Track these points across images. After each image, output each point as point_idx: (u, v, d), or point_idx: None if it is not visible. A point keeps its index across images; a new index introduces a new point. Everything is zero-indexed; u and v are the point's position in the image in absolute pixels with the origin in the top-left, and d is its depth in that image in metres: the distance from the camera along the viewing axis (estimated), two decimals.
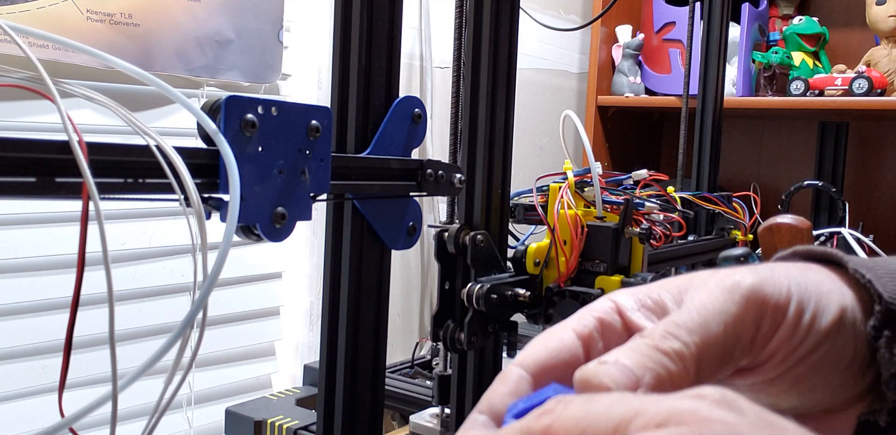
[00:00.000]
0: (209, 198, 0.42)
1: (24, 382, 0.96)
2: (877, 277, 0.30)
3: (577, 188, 0.78)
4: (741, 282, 0.28)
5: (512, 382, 0.28)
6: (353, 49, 0.55)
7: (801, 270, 0.30)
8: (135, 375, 0.35)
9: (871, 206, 1.97)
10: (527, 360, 0.29)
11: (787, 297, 0.28)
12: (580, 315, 0.30)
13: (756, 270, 0.29)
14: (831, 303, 0.29)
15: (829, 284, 0.30)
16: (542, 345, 0.29)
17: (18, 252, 0.95)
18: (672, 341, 0.26)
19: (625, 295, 0.30)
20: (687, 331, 0.26)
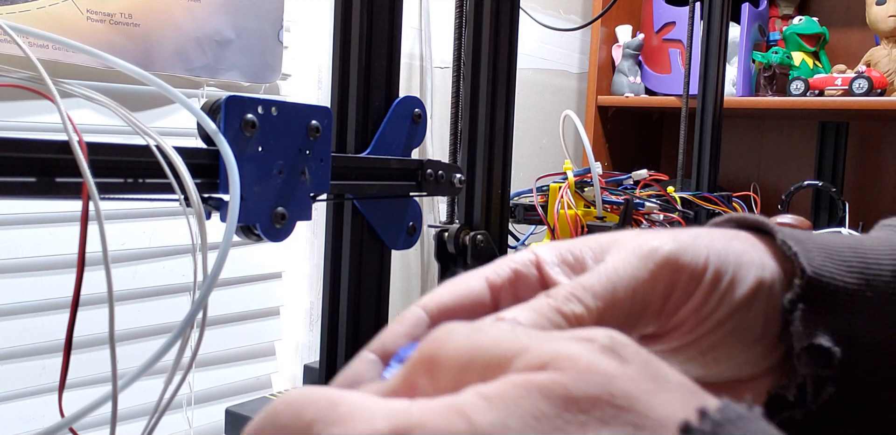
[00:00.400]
0: (209, 198, 0.42)
1: (24, 382, 0.96)
2: (805, 249, 0.29)
3: (577, 188, 0.78)
4: (658, 248, 0.27)
5: (409, 323, 0.27)
6: (353, 49, 0.55)
7: (726, 239, 0.29)
8: (135, 375, 0.35)
9: (871, 206, 1.97)
10: (429, 302, 0.28)
11: (704, 265, 0.28)
12: (497, 264, 0.29)
13: (677, 237, 0.28)
14: (749, 274, 0.28)
15: (753, 254, 0.29)
16: (449, 289, 0.28)
17: (18, 252, 0.95)
18: (574, 305, 0.25)
19: (548, 248, 0.29)
20: (592, 295, 0.26)
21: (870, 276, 0.29)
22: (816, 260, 0.29)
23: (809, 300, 0.28)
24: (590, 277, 0.26)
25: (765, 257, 0.29)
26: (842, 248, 0.30)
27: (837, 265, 0.29)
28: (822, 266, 0.29)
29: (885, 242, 0.30)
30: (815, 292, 0.28)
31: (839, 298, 0.28)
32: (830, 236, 0.31)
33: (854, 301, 0.28)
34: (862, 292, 0.29)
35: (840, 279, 0.28)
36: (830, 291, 0.28)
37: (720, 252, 0.28)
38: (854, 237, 0.31)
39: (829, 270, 0.29)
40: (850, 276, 0.29)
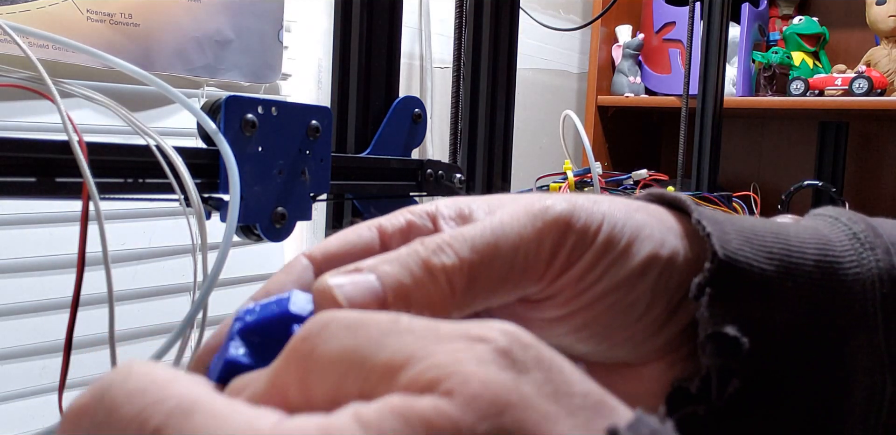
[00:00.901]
0: (209, 198, 0.42)
1: (24, 382, 0.96)
2: (721, 231, 0.27)
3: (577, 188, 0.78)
4: (551, 207, 0.25)
5: (295, 272, 0.26)
6: (353, 49, 0.55)
7: (629, 209, 0.27)
8: None
9: (871, 207, 1.97)
10: (316, 251, 0.26)
11: (596, 231, 0.26)
12: (392, 214, 0.27)
13: (574, 199, 0.26)
14: (643, 248, 0.26)
15: (654, 228, 0.27)
16: (338, 237, 0.27)
17: (18, 252, 0.95)
18: (445, 255, 0.23)
19: (449, 202, 0.27)
20: (470, 246, 0.24)
21: (791, 264, 0.27)
22: (733, 243, 0.26)
23: (719, 285, 0.26)
24: (473, 227, 0.25)
25: (668, 235, 0.27)
26: (764, 233, 0.27)
27: (756, 250, 0.27)
28: (739, 250, 0.26)
29: (812, 231, 0.28)
30: (727, 277, 0.26)
31: (754, 285, 0.26)
32: (754, 220, 0.28)
33: (771, 289, 0.26)
34: (781, 281, 0.26)
35: (757, 265, 0.26)
36: (744, 276, 0.26)
37: (617, 221, 0.26)
38: (779, 223, 0.29)
39: (746, 254, 0.26)
40: (770, 263, 0.26)
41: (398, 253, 0.24)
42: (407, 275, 0.23)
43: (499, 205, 0.26)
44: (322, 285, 0.22)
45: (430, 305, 0.23)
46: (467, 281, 0.24)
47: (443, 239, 0.24)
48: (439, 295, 0.23)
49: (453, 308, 0.24)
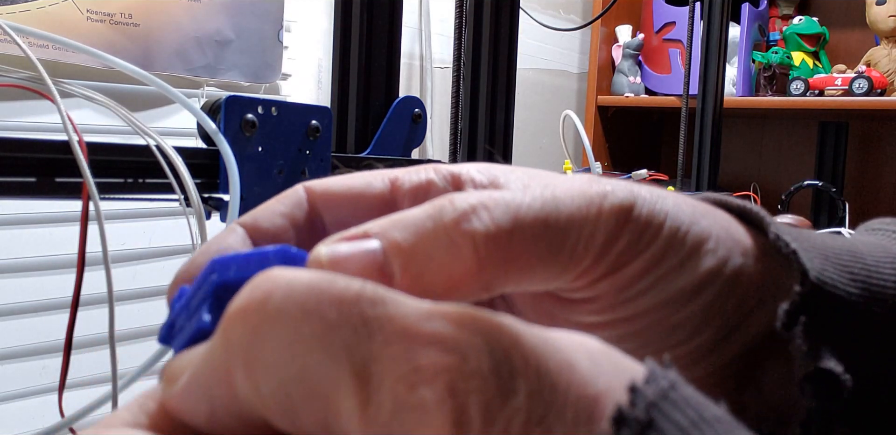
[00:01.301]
0: (209, 198, 0.42)
1: (24, 382, 0.96)
2: (802, 249, 0.22)
3: None
4: (611, 194, 0.21)
5: (289, 202, 0.23)
6: (353, 49, 0.55)
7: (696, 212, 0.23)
8: (135, 375, 0.35)
9: (871, 207, 1.97)
10: (316, 186, 0.23)
11: (658, 229, 0.21)
12: (413, 169, 0.23)
13: (635, 189, 0.22)
14: (703, 263, 0.22)
15: (719, 241, 0.23)
16: (344, 180, 0.23)
17: (18, 252, 0.95)
18: (477, 220, 0.19)
19: (481, 167, 0.23)
20: (513, 214, 0.19)
21: (873, 286, 0.23)
22: (816, 263, 0.22)
23: (812, 312, 0.22)
24: (517, 193, 0.20)
25: (734, 250, 0.23)
26: (840, 250, 0.23)
27: (839, 271, 0.23)
28: (824, 271, 0.22)
29: (881, 249, 0.25)
30: (820, 303, 0.22)
31: (844, 311, 0.22)
32: (823, 236, 0.25)
33: (859, 316, 0.22)
34: (868, 305, 0.22)
35: (843, 289, 0.22)
36: (834, 302, 0.22)
37: (682, 224, 0.22)
38: (849, 240, 0.25)
39: (831, 276, 0.22)
40: (854, 285, 0.23)
41: (415, 213, 0.19)
42: (422, 243, 0.19)
43: (542, 182, 0.22)
44: (314, 257, 0.19)
45: (445, 280, 0.19)
46: (501, 255, 0.19)
47: (479, 199, 0.19)
48: (461, 270, 0.19)
49: (474, 289, 0.19)
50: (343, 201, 0.23)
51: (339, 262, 0.18)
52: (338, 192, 0.23)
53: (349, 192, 0.23)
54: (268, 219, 0.22)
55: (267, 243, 0.22)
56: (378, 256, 0.18)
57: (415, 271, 0.18)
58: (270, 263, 0.18)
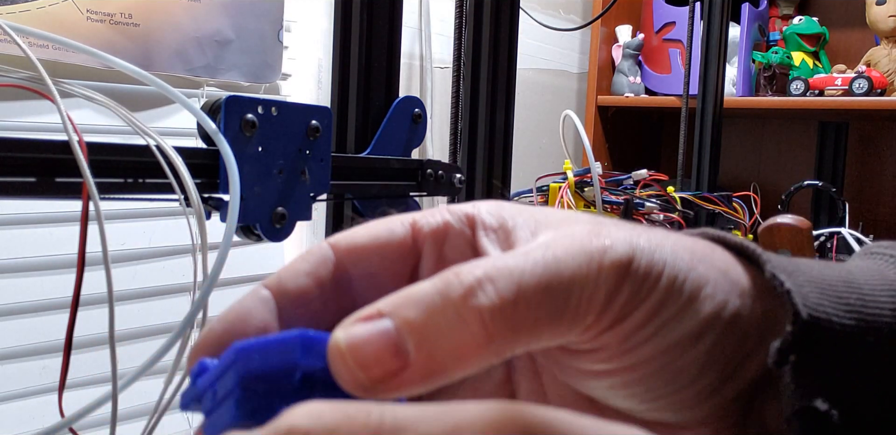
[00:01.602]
0: (209, 198, 0.42)
1: (24, 382, 0.96)
2: (797, 284, 0.23)
3: (577, 188, 0.78)
4: (611, 249, 0.22)
5: (314, 260, 0.23)
6: (353, 49, 0.55)
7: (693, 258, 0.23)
8: (135, 375, 0.35)
9: (871, 206, 1.97)
10: (341, 241, 0.24)
11: (656, 280, 0.22)
12: (431, 211, 0.24)
13: (634, 239, 0.22)
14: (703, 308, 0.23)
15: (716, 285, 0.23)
16: (368, 229, 0.24)
17: (18, 252, 0.95)
18: (484, 295, 0.20)
19: (492, 208, 0.24)
20: (516, 284, 0.20)
21: (868, 315, 0.23)
22: (811, 298, 0.23)
23: (803, 350, 0.23)
24: (519, 259, 0.21)
25: (732, 293, 0.23)
26: (835, 281, 0.24)
27: (834, 303, 0.23)
28: (819, 305, 0.23)
29: (879, 276, 0.25)
30: (811, 339, 0.23)
31: (836, 344, 0.23)
32: (819, 266, 0.25)
33: (854, 347, 0.23)
34: (862, 336, 0.23)
35: (838, 321, 0.23)
36: (827, 335, 0.23)
37: (679, 272, 0.23)
38: (842, 267, 0.26)
39: (826, 310, 0.23)
40: (849, 316, 0.23)
41: (425, 290, 0.20)
42: (433, 322, 0.19)
43: (545, 224, 0.23)
44: (334, 343, 0.19)
45: (458, 355, 0.20)
46: (509, 326, 0.20)
47: (484, 271, 0.20)
48: (472, 342, 0.20)
49: (486, 358, 0.20)
50: (369, 253, 0.24)
51: (356, 346, 0.19)
52: (363, 244, 0.24)
53: (374, 242, 0.24)
54: (293, 280, 0.23)
55: (292, 305, 0.23)
56: (392, 336, 0.19)
57: (428, 348, 0.19)
58: (292, 350, 0.19)
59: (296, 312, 0.24)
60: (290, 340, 0.20)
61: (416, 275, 0.25)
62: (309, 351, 0.19)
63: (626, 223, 0.24)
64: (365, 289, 0.24)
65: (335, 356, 0.19)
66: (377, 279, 0.24)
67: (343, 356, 0.19)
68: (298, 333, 0.20)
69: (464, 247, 0.24)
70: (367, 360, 0.19)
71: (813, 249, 0.85)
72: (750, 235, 1.09)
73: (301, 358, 0.19)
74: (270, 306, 0.23)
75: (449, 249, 0.24)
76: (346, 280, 0.24)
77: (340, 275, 0.24)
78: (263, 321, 0.23)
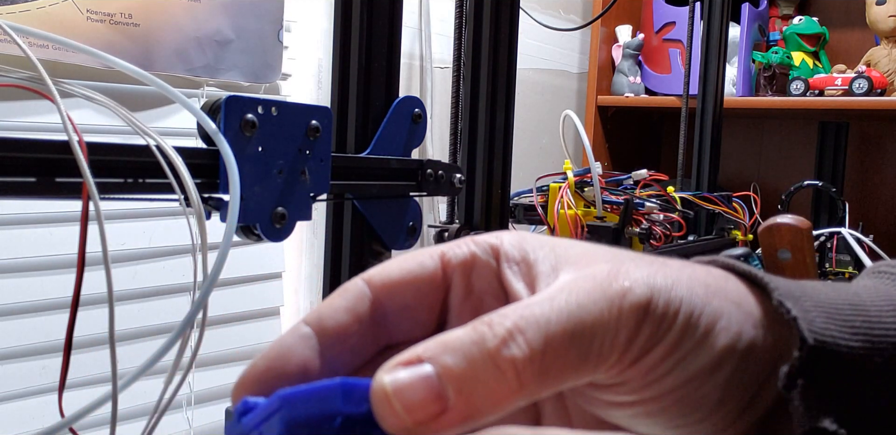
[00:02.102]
0: (209, 198, 0.42)
1: (24, 382, 0.96)
2: (804, 310, 0.25)
3: (577, 188, 0.78)
4: (630, 292, 0.23)
5: (351, 296, 0.25)
6: (353, 49, 0.55)
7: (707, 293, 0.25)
8: (135, 375, 0.35)
9: (871, 207, 1.97)
10: (375, 276, 0.25)
11: (674, 318, 0.24)
12: (457, 243, 0.26)
13: (651, 279, 0.24)
14: (718, 341, 0.24)
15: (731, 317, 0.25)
16: (399, 264, 0.26)
17: (18, 252, 0.95)
18: (516, 347, 0.21)
19: (514, 240, 0.26)
20: (544, 336, 0.22)
21: (875, 337, 0.25)
22: (818, 323, 0.24)
23: (811, 374, 0.24)
24: (545, 306, 0.22)
25: (746, 323, 0.25)
26: (841, 304, 0.25)
27: (840, 327, 0.25)
28: (825, 330, 0.24)
29: (885, 296, 0.26)
30: (818, 363, 0.24)
31: (844, 366, 0.24)
32: (826, 289, 0.27)
33: (860, 368, 0.24)
34: (869, 357, 0.24)
35: (844, 344, 0.24)
36: (834, 359, 0.24)
37: (695, 308, 0.24)
38: (848, 288, 0.27)
39: (832, 333, 0.24)
40: (855, 339, 0.24)
41: (462, 339, 0.22)
42: (470, 369, 0.21)
43: (565, 260, 0.25)
44: (380, 387, 0.21)
45: (494, 400, 0.21)
46: (539, 373, 0.22)
47: (514, 323, 0.22)
48: (506, 389, 0.21)
49: (518, 400, 0.22)
50: (402, 287, 0.25)
51: (401, 391, 0.21)
52: (397, 278, 0.25)
53: (407, 276, 0.25)
54: (332, 316, 0.25)
55: (332, 341, 0.25)
56: (434, 382, 0.21)
57: (466, 394, 0.21)
58: (333, 398, 0.21)
59: (335, 347, 0.25)
60: (331, 388, 0.21)
61: (446, 305, 0.27)
62: (349, 398, 0.21)
63: (644, 258, 0.25)
64: (399, 321, 0.26)
65: (380, 399, 0.21)
66: (411, 311, 0.26)
67: (389, 400, 0.21)
68: (339, 381, 0.22)
69: (490, 277, 0.26)
70: (412, 404, 0.21)
71: (813, 248, 0.85)
72: (750, 235, 1.09)
73: (342, 405, 0.21)
74: (311, 343, 0.25)
75: (476, 278, 0.26)
76: (382, 314, 0.26)
77: (376, 309, 0.25)
78: (304, 358, 0.25)
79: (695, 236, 1.10)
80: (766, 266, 0.85)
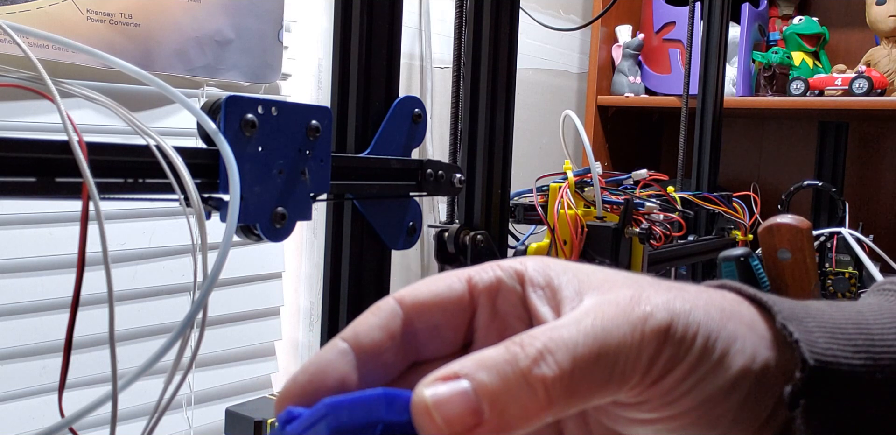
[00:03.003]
0: (209, 198, 0.42)
1: (24, 382, 0.96)
2: (807, 331, 0.26)
3: (577, 188, 0.78)
4: (651, 317, 0.25)
5: (385, 314, 0.27)
6: (353, 49, 0.55)
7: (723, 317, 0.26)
8: (135, 375, 0.35)
9: (871, 206, 1.97)
10: (406, 297, 0.27)
11: (692, 341, 0.25)
12: (483, 268, 0.28)
13: (670, 304, 0.25)
14: (734, 363, 0.26)
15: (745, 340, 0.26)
16: (429, 286, 0.27)
17: (18, 252, 0.95)
18: (546, 366, 0.23)
19: (538, 266, 0.28)
20: (571, 357, 0.23)
21: (877, 354, 0.26)
22: (820, 343, 0.26)
23: (812, 394, 0.26)
24: (571, 330, 0.24)
25: (760, 346, 0.26)
26: (845, 324, 0.27)
27: (843, 346, 0.26)
28: (828, 350, 0.26)
29: (888, 315, 0.28)
30: (819, 383, 0.26)
31: (845, 383, 0.26)
32: (830, 309, 0.28)
33: (863, 385, 0.26)
34: (871, 374, 0.26)
35: (846, 362, 0.26)
36: (836, 377, 0.26)
37: (711, 332, 0.26)
38: (853, 308, 0.28)
39: (835, 353, 0.26)
40: (857, 357, 0.26)
41: (496, 358, 0.23)
42: (504, 386, 0.23)
43: (588, 285, 0.26)
44: (420, 400, 0.23)
45: (524, 415, 0.23)
46: (567, 391, 0.23)
47: (544, 345, 0.24)
48: (536, 405, 0.23)
49: (547, 416, 0.23)
50: (431, 307, 0.27)
51: (441, 403, 0.23)
52: (426, 299, 0.27)
53: (436, 298, 0.27)
54: (366, 333, 0.26)
55: (367, 356, 0.27)
56: (471, 398, 0.23)
57: (500, 409, 0.23)
58: (376, 407, 0.23)
59: (370, 362, 0.27)
60: (375, 397, 0.23)
61: (472, 325, 0.28)
62: (391, 407, 0.23)
63: (662, 283, 0.27)
64: (428, 339, 0.28)
65: (421, 411, 0.23)
66: (439, 330, 0.28)
67: (429, 412, 0.22)
68: (382, 391, 0.24)
69: (515, 301, 0.27)
70: (450, 416, 0.22)
71: (813, 248, 0.85)
72: (750, 235, 1.09)
73: (384, 413, 0.23)
74: (349, 358, 0.26)
75: (501, 302, 0.27)
76: (412, 332, 0.27)
77: (407, 327, 0.27)
78: (342, 372, 0.26)
79: (695, 236, 1.10)
80: (766, 266, 0.85)
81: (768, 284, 0.85)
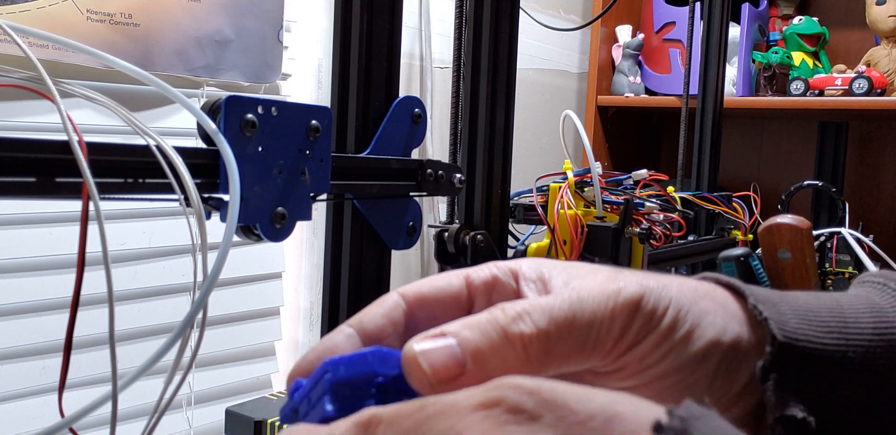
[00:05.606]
0: (209, 198, 0.42)
1: (24, 382, 0.96)
2: (778, 313, 0.28)
3: (577, 188, 0.78)
4: (623, 290, 0.27)
5: (388, 306, 0.29)
6: (353, 49, 0.55)
7: (695, 295, 0.29)
8: (135, 375, 0.35)
9: (871, 206, 1.97)
10: (408, 290, 0.30)
11: (662, 314, 0.27)
12: (481, 267, 0.30)
13: (644, 281, 0.28)
14: (705, 334, 0.28)
15: (718, 315, 0.28)
16: (430, 281, 0.30)
17: (18, 252, 0.95)
18: (524, 324, 0.26)
19: (531, 263, 0.30)
20: (549, 317, 0.26)
21: (849, 334, 0.28)
22: (791, 323, 0.28)
23: (782, 368, 0.28)
24: (552, 299, 0.27)
25: (731, 321, 0.28)
26: (819, 309, 0.29)
27: (815, 328, 0.28)
28: (798, 329, 0.28)
29: (864, 301, 0.30)
30: (789, 359, 0.28)
31: (816, 361, 0.28)
32: (808, 297, 0.30)
33: (834, 363, 0.28)
34: (843, 353, 0.28)
35: (819, 341, 0.28)
36: (807, 355, 0.28)
37: (682, 306, 0.28)
38: (831, 296, 0.30)
39: (805, 332, 0.28)
40: (829, 337, 0.28)
41: (479, 318, 0.26)
42: (486, 341, 0.25)
43: (575, 276, 0.29)
44: (410, 352, 0.25)
45: (504, 368, 0.25)
46: (543, 349, 0.26)
47: (523, 307, 0.26)
48: (515, 361, 0.25)
49: (524, 370, 0.25)
50: (432, 301, 0.29)
51: (427, 353, 0.25)
52: (427, 293, 0.30)
53: (436, 292, 0.30)
54: (371, 320, 0.29)
55: (373, 341, 0.29)
56: (455, 350, 0.25)
57: (481, 361, 0.25)
58: (370, 361, 0.26)
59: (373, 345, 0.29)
60: (369, 353, 0.26)
61: None
62: (384, 362, 0.26)
63: (643, 272, 0.29)
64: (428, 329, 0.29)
65: (410, 361, 0.25)
66: (438, 322, 0.29)
67: (417, 362, 0.25)
68: (376, 348, 0.26)
69: (509, 295, 0.29)
70: (436, 366, 0.25)
71: (813, 248, 0.85)
72: (750, 235, 1.09)
73: (378, 367, 0.25)
74: (354, 341, 0.29)
75: (497, 296, 0.30)
76: (413, 323, 0.29)
77: (409, 318, 0.29)
78: (347, 352, 0.28)
79: (695, 236, 1.10)
80: (766, 266, 0.85)
81: (768, 284, 0.85)
